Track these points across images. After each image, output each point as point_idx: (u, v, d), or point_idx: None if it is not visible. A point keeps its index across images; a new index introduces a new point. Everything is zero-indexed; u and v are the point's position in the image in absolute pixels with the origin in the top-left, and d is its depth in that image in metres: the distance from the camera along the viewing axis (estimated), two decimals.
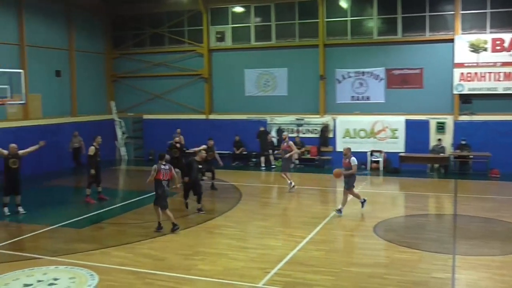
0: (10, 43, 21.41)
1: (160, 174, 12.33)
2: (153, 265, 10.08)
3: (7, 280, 9.35)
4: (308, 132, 23.61)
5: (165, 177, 12.42)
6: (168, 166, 12.59)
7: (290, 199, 17.03)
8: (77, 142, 22.59)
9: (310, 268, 9.73)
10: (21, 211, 14.65)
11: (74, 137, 22.72)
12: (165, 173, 12.41)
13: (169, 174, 12.52)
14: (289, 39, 24.04)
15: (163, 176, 12.35)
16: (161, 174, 12.34)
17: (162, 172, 12.36)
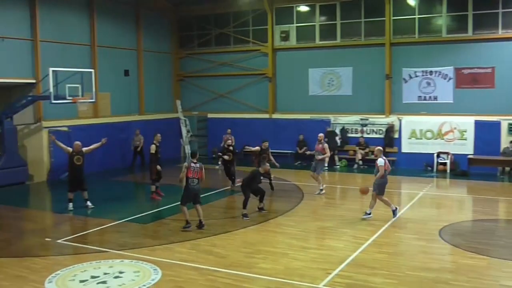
0: (83, 43, 22.23)
1: (190, 171, 12.49)
2: (215, 262, 10.19)
3: (75, 272, 9.75)
4: (372, 132, 23.23)
5: (194, 175, 12.53)
6: (199, 165, 12.65)
7: (353, 200, 16.80)
8: (138, 140, 23.05)
9: (373, 270, 9.56)
10: (89, 205, 15.17)
11: (136, 136, 23.19)
12: (195, 171, 12.53)
13: (199, 173, 12.58)
14: (354, 38, 23.73)
15: (192, 174, 12.49)
16: (190, 171, 12.49)
17: (192, 170, 12.51)
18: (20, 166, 19.50)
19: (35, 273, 9.65)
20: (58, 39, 21.04)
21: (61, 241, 11.87)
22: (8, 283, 9.13)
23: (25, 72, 19.85)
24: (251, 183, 14.05)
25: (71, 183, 15.15)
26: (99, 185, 18.88)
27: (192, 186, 12.60)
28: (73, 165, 15.00)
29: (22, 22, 19.78)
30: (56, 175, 20.30)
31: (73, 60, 21.16)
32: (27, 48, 19.95)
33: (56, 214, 15.39)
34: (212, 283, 9.06)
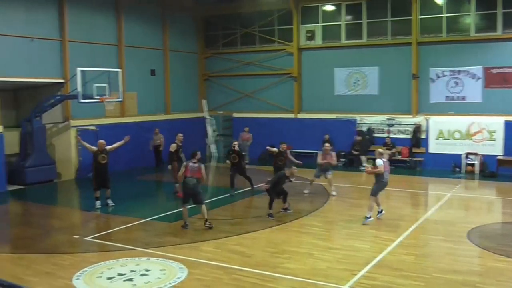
0: (110, 44, 22.48)
1: (188, 171, 12.60)
2: (241, 261, 10.21)
3: (102, 269, 9.86)
4: (399, 132, 23.01)
5: (192, 174, 12.57)
6: (198, 164, 12.67)
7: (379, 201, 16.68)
8: (158, 139, 22.85)
9: (399, 272, 9.46)
10: (110, 203, 15.35)
11: (156, 135, 22.97)
12: (193, 171, 12.58)
13: (198, 173, 12.59)
14: (380, 37, 23.53)
15: (190, 173, 12.56)
16: (188, 171, 12.60)
17: (190, 169, 12.59)
18: (49, 164, 19.81)
19: (63, 270, 9.80)
20: (86, 39, 21.32)
21: (88, 239, 12.04)
22: (37, 279, 9.28)
23: (54, 72, 20.16)
24: (276, 185, 14.03)
25: (96, 181, 15.34)
26: (125, 184, 19.12)
27: (190, 186, 12.62)
28: (98, 163, 15.18)
29: (51, 22, 20.08)
30: (84, 173, 20.56)
31: (100, 60, 21.42)
32: (56, 48, 20.25)
33: (83, 212, 15.62)
34: (237, 282, 9.08)
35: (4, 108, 19.60)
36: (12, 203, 17.11)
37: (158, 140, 22.84)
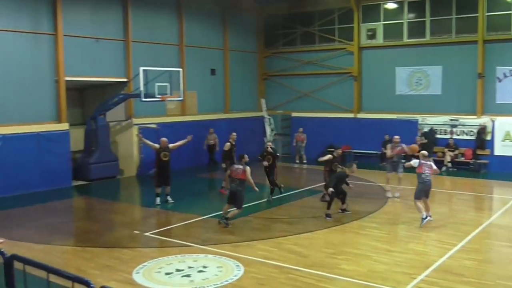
0: (171, 43, 22.90)
1: (232, 172, 12.88)
2: (297, 261, 10.16)
3: (161, 264, 10.06)
4: (463, 133, 22.31)
5: (236, 175, 12.75)
6: (243, 167, 12.80)
7: (440, 204, 16.23)
8: (212, 139, 22.76)
9: (460, 278, 9.16)
10: (169, 200, 15.63)
11: (210, 134, 22.87)
12: (237, 173, 12.77)
13: (241, 174, 12.71)
14: (444, 35, 22.88)
15: (234, 175, 12.81)
16: (233, 172, 12.86)
17: (234, 171, 12.85)
18: (112, 161, 20.40)
19: (123, 264, 10.06)
20: (149, 40, 21.81)
21: (148, 234, 12.31)
22: (99, 272, 9.58)
23: (117, 71, 20.73)
24: (336, 185, 13.90)
25: (158, 178, 15.65)
26: (185, 181, 19.44)
27: (232, 187, 12.89)
28: (160, 161, 15.48)
29: (116, 24, 20.66)
30: (145, 170, 21.06)
31: (162, 59, 21.87)
32: (120, 48, 20.81)
33: (144, 208, 16.00)
34: (293, 281, 9.05)
35: (71, 107, 20.34)
36: (76, 198, 17.73)
37: (212, 140, 22.85)
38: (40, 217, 14.14)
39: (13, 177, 16.70)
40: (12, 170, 16.73)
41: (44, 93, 18.37)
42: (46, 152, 18.01)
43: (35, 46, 18.02)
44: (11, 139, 17.02)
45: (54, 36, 18.43)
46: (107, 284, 6.86)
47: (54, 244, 11.57)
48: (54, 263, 9.83)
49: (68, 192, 18.09)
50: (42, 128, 18.04)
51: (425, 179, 13.01)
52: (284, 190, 16.93)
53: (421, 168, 13.01)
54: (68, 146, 18.88)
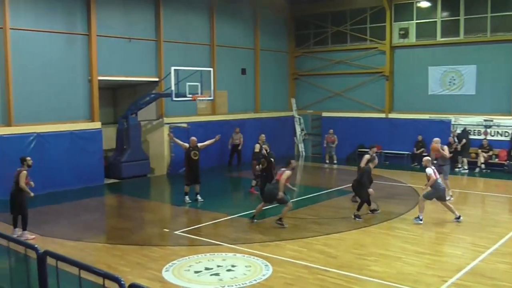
0: (203, 43, 23.03)
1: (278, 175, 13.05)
2: (326, 261, 10.12)
3: (190, 262, 10.13)
4: (497, 134, 21.87)
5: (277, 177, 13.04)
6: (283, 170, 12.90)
7: (474, 206, 16.00)
8: (237, 138, 22.82)
9: (493, 281, 8.98)
10: (199, 199, 15.74)
11: (236, 134, 22.91)
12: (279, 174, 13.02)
13: (279, 175, 12.93)
14: (479, 34, 22.44)
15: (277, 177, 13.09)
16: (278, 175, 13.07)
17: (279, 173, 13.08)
18: (143, 160, 20.63)
19: (153, 261, 10.17)
20: (180, 40, 21.97)
21: (178, 232, 12.41)
22: (129, 269, 9.70)
23: (149, 71, 20.94)
24: (365, 181, 13.82)
25: (188, 177, 15.78)
26: (214, 180, 19.52)
27: (268, 188, 13.36)
28: (190, 159, 15.60)
29: (148, 24, 20.87)
30: (175, 169, 21.25)
31: (193, 59, 22.01)
32: (152, 48, 21.02)
33: (174, 207, 16.16)
34: (321, 282, 9.01)
35: (103, 106, 20.63)
36: (108, 196, 17.99)
37: (238, 139, 22.86)
38: (73, 215, 14.40)
39: (48, 175, 17.01)
40: (47, 168, 17.04)
41: (78, 93, 18.69)
42: (79, 151, 18.33)
43: (69, 46, 18.35)
44: (46, 137, 17.38)
45: (88, 37, 18.74)
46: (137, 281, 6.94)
47: (86, 241, 11.77)
48: (86, 259, 10.03)
49: (100, 190, 18.38)
50: (75, 127, 18.36)
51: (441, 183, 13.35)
52: (313, 190, 16.87)
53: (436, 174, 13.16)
54: (101, 145, 19.17)
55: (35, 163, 13.15)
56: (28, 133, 17.02)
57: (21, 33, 17.02)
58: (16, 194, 11.98)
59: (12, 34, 16.73)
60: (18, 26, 16.90)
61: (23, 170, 12.03)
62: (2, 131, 16.47)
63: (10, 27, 16.62)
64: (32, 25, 17.30)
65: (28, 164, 12.17)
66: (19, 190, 11.94)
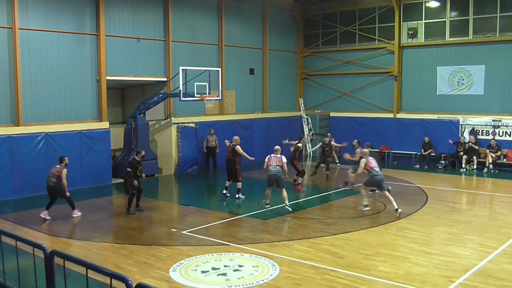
0: (211, 43, 23.05)
1: (271, 160, 14.66)
2: (333, 261, 10.10)
3: (198, 262, 10.15)
4: (505, 134, 21.73)
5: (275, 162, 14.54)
6: (280, 155, 14.68)
7: (482, 206, 15.93)
8: (213, 140, 21.70)
9: (501, 282, 8.94)
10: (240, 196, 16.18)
11: (210, 135, 21.71)
12: (275, 159, 14.60)
13: (279, 161, 14.56)
14: (488, 34, 22.32)
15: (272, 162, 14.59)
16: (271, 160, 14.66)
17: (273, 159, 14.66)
18: (151, 159, 20.66)
19: (161, 261, 10.19)
20: (189, 40, 22.02)
21: (185, 232, 12.43)
22: (137, 269, 9.73)
23: (157, 71, 21.00)
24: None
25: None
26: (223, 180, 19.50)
27: (273, 172, 14.46)
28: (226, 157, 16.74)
29: (157, 24, 20.92)
30: (183, 169, 21.30)
31: (201, 59, 22.07)
32: (160, 48, 21.07)
33: (181, 206, 16.18)
34: (329, 282, 9.00)
35: (111, 105, 20.71)
36: (116, 195, 18.04)
37: (213, 142, 21.76)
38: (81, 214, 14.44)
39: None
40: None
41: (86, 92, 18.77)
42: (88, 150, 18.43)
43: (78, 46, 18.43)
44: (54, 137, 17.47)
45: (97, 36, 18.81)
46: (144, 281, 6.98)
47: (93, 240, 11.83)
48: (93, 259, 10.08)
49: (108, 190, 18.45)
50: (83, 127, 18.44)
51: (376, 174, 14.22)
52: (322, 190, 16.87)
53: (372, 163, 14.27)
54: (109, 145, 19.23)
55: (43, 163, 13.35)
56: (37, 133, 17.12)
57: (30, 33, 17.13)
58: (57, 186, 13.64)
59: (21, 34, 16.85)
60: (27, 26, 17.01)
61: (63, 167, 13.78)
62: (11, 131, 16.58)
63: (19, 27, 16.74)
64: (41, 25, 17.40)
65: (66, 163, 13.99)
66: (59, 183, 13.62)
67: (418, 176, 20.61)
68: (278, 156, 14.70)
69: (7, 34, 16.59)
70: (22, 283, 7.20)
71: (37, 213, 13.91)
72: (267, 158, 14.83)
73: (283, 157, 14.67)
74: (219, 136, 21.73)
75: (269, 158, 14.76)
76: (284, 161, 14.59)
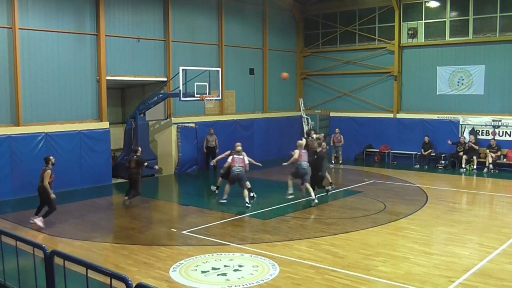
0: (211, 43, 23.05)
1: (234, 161, 15.20)
2: (333, 261, 10.11)
3: (197, 262, 10.15)
4: (505, 134, 21.73)
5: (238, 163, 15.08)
6: (242, 156, 15.22)
7: (482, 206, 15.93)
8: (213, 140, 21.55)
9: (501, 282, 8.94)
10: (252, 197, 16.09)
11: (210, 135, 21.60)
12: (238, 161, 15.14)
13: (242, 162, 15.14)
14: (488, 34, 22.32)
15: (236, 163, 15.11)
16: (234, 161, 15.19)
17: (236, 160, 15.18)
18: (151, 159, 20.60)
19: (161, 261, 10.19)
20: (189, 40, 22.02)
21: (185, 232, 12.43)
22: (136, 269, 9.73)
23: (157, 71, 20.99)
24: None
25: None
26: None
27: (236, 172, 15.05)
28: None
29: (156, 24, 20.92)
30: (183, 169, 21.30)
31: (201, 59, 22.07)
32: (160, 48, 21.07)
33: (181, 206, 16.18)
34: (329, 282, 9.00)
35: (111, 105, 20.70)
36: (116, 195, 18.03)
37: (213, 141, 21.62)
38: (80, 214, 14.46)
39: (56, 174, 16.92)
40: (55, 168, 16.96)
41: (86, 92, 18.76)
42: (88, 150, 18.43)
43: (78, 46, 18.43)
44: (54, 137, 17.47)
45: (97, 36, 18.81)
46: (144, 281, 6.98)
47: (93, 240, 11.83)
48: (93, 259, 10.08)
49: (108, 190, 18.45)
50: (83, 127, 18.44)
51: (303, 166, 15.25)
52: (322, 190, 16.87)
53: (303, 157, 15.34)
54: (109, 145, 19.23)
55: (43, 163, 13.29)
56: (37, 133, 17.12)
57: (30, 33, 17.13)
58: (42, 192, 12.89)
59: (21, 34, 16.84)
60: (27, 26, 17.01)
61: (47, 169, 12.91)
62: (11, 131, 16.58)
63: (19, 27, 16.73)
64: (41, 25, 17.40)
65: (52, 162, 13.11)
66: (44, 188, 12.82)
67: (418, 176, 20.61)
68: (240, 157, 15.27)
69: (7, 34, 16.60)
70: (22, 283, 7.20)
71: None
72: (230, 158, 15.50)
73: (245, 158, 15.29)
74: (219, 136, 21.74)
75: (232, 159, 15.33)
76: (247, 163, 15.27)
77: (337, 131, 24.04)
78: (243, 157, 15.29)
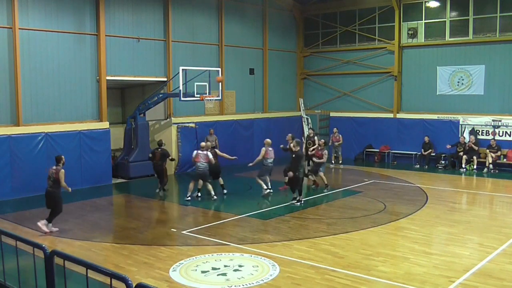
0: (211, 43, 23.04)
1: (198, 157, 15.84)
2: (333, 261, 10.11)
3: (197, 262, 10.15)
4: (505, 134, 21.73)
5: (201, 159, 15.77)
6: (206, 152, 15.94)
7: (482, 206, 15.93)
8: (213, 140, 20.56)
9: (501, 282, 8.95)
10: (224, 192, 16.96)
11: (210, 136, 20.86)
12: (202, 157, 15.81)
13: (206, 158, 15.82)
14: (488, 34, 22.31)
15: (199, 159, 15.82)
16: (198, 157, 15.84)
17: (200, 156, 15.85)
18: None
19: (160, 261, 10.19)
20: (189, 40, 22.02)
21: (185, 232, 12.43)
22: (136, 269, 9.73)
23: (157, 71, 20.99)
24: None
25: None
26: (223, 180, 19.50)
27: (201, 168, 15.80)
28: None
29: (156, 24, 20.92)
30: (183, 169, 21.28)
31: (201, 59, 22.07)
32: (160, 48, 21.06)
33: (181, 206, 16.17)
34: (329, 282, 9.00)
35: (111, 105, 20.68)
36: (116, 195, 18.05)
37: (213, 142, 20.43)
38: (81, 214, 14.46)
39: None
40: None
41: (86, 92, 18.76)
42: (88, 150, 18.42)
43: (78, 46, 18.43)
44: (54, 137, 17.47)
45: (97, 36, 18.81)
46: (144, 281, 6.97)
47: (93, 240, 11.83)
48: (93, 259, 10.08)
49: (108, 190, 18.45)
50: (83, 127, 18.44)
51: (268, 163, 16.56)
52: (321, 190, 16.88)
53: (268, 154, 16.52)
54: (109, 145, 19.23)
55: (43, 163, 13.28)
56: (37, 133, 17.11)
57: (30, 33, 17.13)
58: (52, 192, 12.44)
59: (21, 34, 16.84)
60: (27, 26, 17.01)
61: (61, 168, 12.46)
62: (11, 131, 16.57)
63: (19, 27, 16.73)
64: (41, 25, 17.40)
65: (63, 162, 12.69)
66: (56, 187, 12.39)
67: (418, 176, 20.61)
68: (204, 153, 15.91)
69: (7, 34, 16.59)
70: (22, 283, 7.20)
71: (37, 213, 13.87)
72: (194, 154, 16.05)
73: (209, 154, 15.97)
74: (219, 136, 21.72)
75: (196, 155, 15.93)
76: (211, 157, 15.91)
77: (335, 131, 24.01)
78: (206, 153, 15.90)
